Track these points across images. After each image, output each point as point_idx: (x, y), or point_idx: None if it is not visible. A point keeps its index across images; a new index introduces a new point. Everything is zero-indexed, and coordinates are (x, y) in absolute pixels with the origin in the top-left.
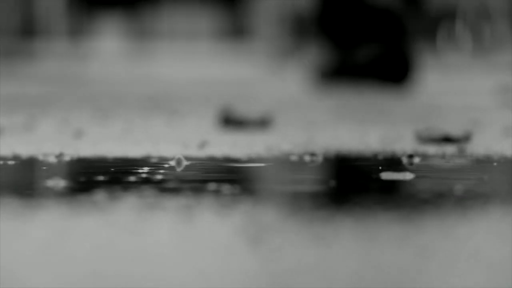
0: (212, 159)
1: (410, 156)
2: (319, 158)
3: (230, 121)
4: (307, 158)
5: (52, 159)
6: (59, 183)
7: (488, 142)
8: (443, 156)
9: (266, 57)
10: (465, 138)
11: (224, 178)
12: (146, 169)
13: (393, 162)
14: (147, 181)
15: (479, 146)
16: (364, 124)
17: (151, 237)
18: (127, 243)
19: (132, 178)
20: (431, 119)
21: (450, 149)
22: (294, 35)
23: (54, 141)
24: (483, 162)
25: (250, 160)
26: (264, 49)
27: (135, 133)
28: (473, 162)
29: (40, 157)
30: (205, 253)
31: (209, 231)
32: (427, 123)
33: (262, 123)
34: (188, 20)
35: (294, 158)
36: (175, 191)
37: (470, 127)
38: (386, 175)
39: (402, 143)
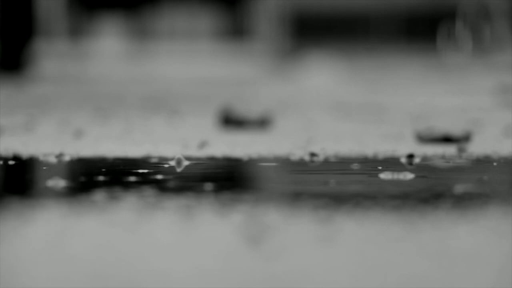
0: (212, 159)
1: (410, 156)
2: (320, 158)
3: (230, 121)
4: (307, 157)
5: (52, 159)
6: (59, 183)
7: (488, 142)
8: (443, 156)
9: (265, 57)
10: (465, 138)
11: (224, 178)
12: (146, 169)
13: (393, 162)
14: (147, 181)
15: (479, 146)
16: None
17: (151, 237)
18: (127, 243)
19: (132, 178)
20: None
21: (450, 149)
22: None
23: (54, 141)
24: (483, 162)
25: (250, 160)
26: (264, 49)
27: (135, 133)
28: (473, 162)
29: (40, 157)
30: (205, 252)
31: (209, 230)
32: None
33: (262, 123)
34: (188, 20)
35: (294, 157)
36: (175, 191)
37: (470, 127)
38: (386, 175)
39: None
